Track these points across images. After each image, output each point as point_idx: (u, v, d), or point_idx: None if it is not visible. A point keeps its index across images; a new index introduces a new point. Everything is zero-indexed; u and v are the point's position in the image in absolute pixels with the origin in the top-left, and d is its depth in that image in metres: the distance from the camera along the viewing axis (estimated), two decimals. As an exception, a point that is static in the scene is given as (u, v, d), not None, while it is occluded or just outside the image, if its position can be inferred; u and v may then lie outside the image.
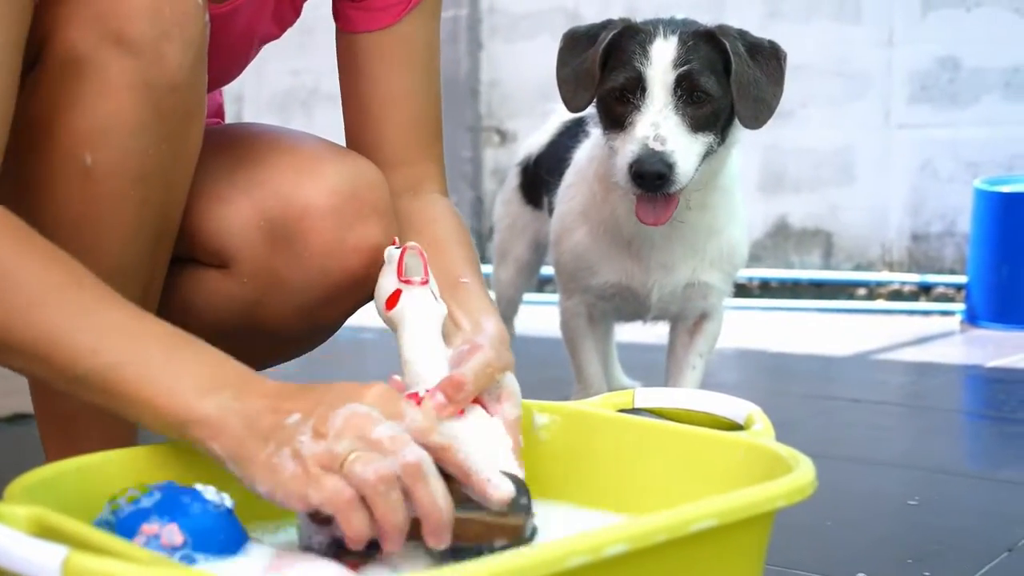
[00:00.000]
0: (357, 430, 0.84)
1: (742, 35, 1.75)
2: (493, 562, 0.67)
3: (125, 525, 0.83)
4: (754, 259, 4.69)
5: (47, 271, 0.93)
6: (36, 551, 0.65)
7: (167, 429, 0.90)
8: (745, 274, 4.66)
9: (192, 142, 1.19)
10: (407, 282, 1.06)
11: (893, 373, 3.08)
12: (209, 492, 0.87)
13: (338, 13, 1.37)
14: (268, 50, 1.57)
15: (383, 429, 0.85)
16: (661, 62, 1.68)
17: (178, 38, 1.09)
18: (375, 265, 1.21)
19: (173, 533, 0.81)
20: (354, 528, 0.82)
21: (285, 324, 1.29)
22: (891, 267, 4.49)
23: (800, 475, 0.85)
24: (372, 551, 0.85)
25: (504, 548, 0.87)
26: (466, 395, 0.98)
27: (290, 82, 5.89)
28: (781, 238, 4.68)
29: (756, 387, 2.87)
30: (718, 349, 2.05)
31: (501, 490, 0.88)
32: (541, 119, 2.42)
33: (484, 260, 5.33)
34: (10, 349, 0.92)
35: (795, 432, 0.90)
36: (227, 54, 1.38)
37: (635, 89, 1.69)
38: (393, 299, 1.06)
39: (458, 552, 0.87)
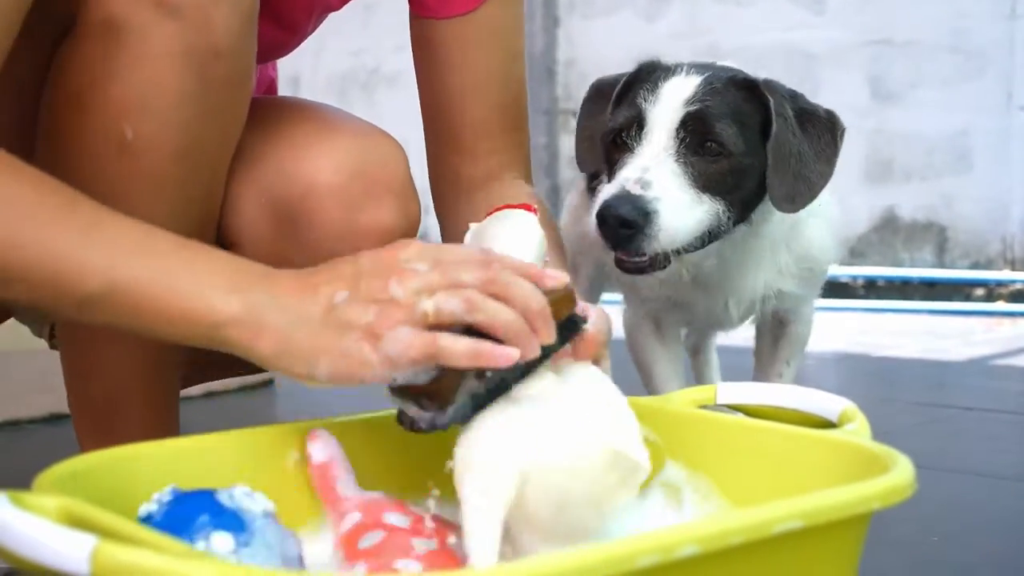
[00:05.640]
0: (423, 282, 0.90)
1: (794, 97, 1.53)
2: (560, 560, 0.67)
3: None
4: (859, 256, 4.64)
5: (41, 192, 0.93)
6: (64, 541, 0.67)
7: (199, 338, 0.91)
8: (849, 272, 4.61)
9: (238, 116, 1.21)
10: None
11: (1012, 380, 3.03)
12: (239, 494, 0.86)
13: None
14: (326, 28, 1.57)
15: (445, 269, 0.91)
16: (670, 100, 1.47)
17: (225, 1, 1.10)
18: None
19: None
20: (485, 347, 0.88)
21: None
22: (1012, 265, 4.42)
23: (897, 474, 0.84)
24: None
25: (571, 319, 0.98)
26: None
27: (350, 63, 5.94)
28: (889, 232, 4.61)
29: (859, 394, 2.78)
30: (817, 353, 2.02)
31: (557, 277, 0.97)
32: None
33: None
34: (10, 274, 0.91)
35: (902, 441, 0.89)
36: (285, 24, 1.39)
37: (631, 128, 1.48)
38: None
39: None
